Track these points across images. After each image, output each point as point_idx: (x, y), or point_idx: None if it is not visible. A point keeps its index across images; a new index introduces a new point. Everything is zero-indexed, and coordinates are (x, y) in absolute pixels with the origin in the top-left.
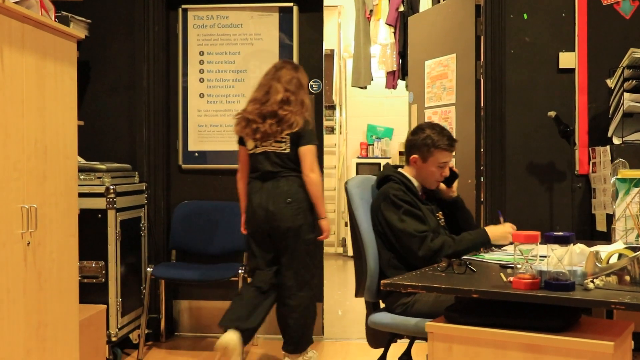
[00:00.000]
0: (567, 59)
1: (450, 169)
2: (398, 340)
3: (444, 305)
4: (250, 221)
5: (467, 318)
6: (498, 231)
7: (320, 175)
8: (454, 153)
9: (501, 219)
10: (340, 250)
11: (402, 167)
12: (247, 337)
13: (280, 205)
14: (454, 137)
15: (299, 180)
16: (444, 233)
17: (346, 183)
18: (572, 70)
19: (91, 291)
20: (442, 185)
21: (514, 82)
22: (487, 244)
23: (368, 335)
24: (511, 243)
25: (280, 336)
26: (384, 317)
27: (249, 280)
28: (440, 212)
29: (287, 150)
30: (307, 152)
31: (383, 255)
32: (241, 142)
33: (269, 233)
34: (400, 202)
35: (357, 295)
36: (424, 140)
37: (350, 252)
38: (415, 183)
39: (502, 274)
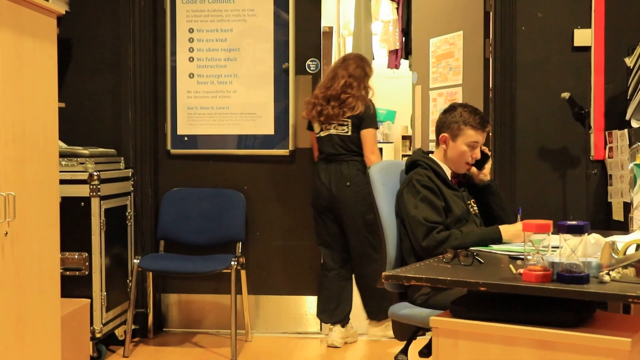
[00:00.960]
0: (582, 36)
1: (482, 152)
2: (426, 333)
3: None
4: (315, 200)
5: (474, 312)
6: (512, 230)
7: (380, 157)
8: (485, 134)
9: (518, 217)
10: None
11: (432, 152)
12: (344, 321)
13: (341, 187)
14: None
15: (358, 164)
16: (475, 221)
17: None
18: (587, 49)
19: (74, 284)
20: (474, 169)
21: (525, 62)
22: (498, 242)
23: (394, 327)
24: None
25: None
26: (402, 308)
27: (322, 259)
28: (473, 200)
29: (349, 133)
30: (367, 135)
31: (405, 243)
32: (309, 126)
33: (332, 211)
34: (421, 187)
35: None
36: (454, 117)
37: None
38: (445, 168)
39: (511, 266)
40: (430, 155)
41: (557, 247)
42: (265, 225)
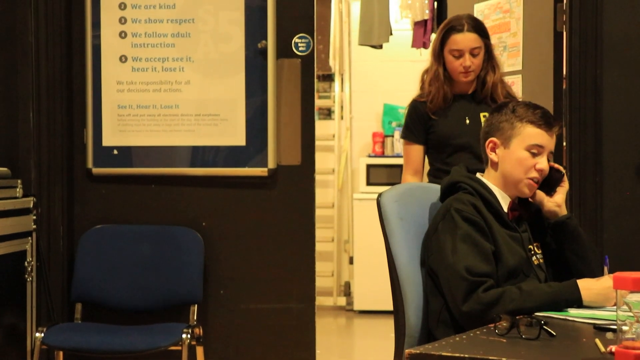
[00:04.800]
0: None
1: (553, 168)
2: None
3: None
4: None
5: None
6: (597, 287)
7: (410, 177)
8: (553, 137)
9: (605, 269)
10: (343, 301)
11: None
12: None
13: None
14: None
15: None
16: (538, 276)
17: (380, 196)
18: None
19: None
20: (540, 194)
21: (615, 36)
22: (576, 305)
23: None
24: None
25: None
26: None
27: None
28: (537, 244)
29: None
30: None
31: (433, 303)
32: None
33: None
34: (462, 221)
35: None
36: (505, 115)
37: (358, 306)
38: (498, 193)
39: (598, 341)
40: (477, 175)
41: None
42: (233, 280)
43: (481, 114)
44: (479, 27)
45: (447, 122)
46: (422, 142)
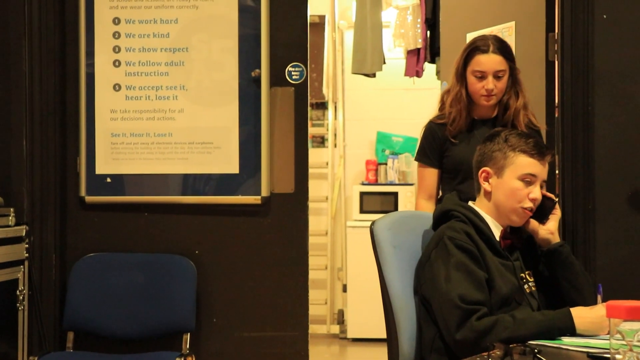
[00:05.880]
0: None
1: (544, 196)
2: None
3: None
4: None
5: None
6: (590, 315)
7: (424, 203)
8: (545, 166)
9: (599, 298)
10: (336, 329)
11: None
12: None
13: None
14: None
15: None
16: (530, 304)
17: (373, 224)
18: None
19: None
20: (533, 223)
21: (607, 65)
22: (569, 334)
23: None
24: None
25: None
26: None
27: None
28: (529, 272)
29: None
30: None
31: (426, 331)
32: None
33: None
34: (455, 249)
35: None
36: (497, 145)
37: (351, 334)
38: (491, 221)
39: None
40: (470, 203)
41: None
42: (226, 308)
43: None
44: (504, 50)
45: (464, 147)
46: (437, 165)
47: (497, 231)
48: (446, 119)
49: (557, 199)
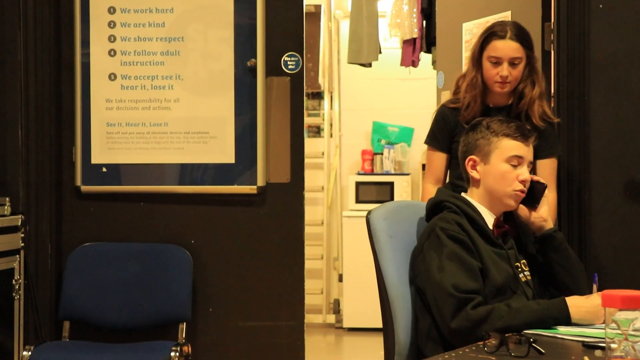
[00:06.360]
0: None
1: (534, 182)
2: None
3: None
4: None
5: None
6: (585, 304)
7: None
8: (530, 148)
9: (594, 287)
10: (332, 319)
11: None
12: None
13: None
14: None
15: None
16: (525, 292)
17: (369, 213)
18: None
19: None
20: (524, 210)
21: (603, 56)
22: (564, 323)
23: None
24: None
25: None
26: None
27: None
28: (524, 261)
29: None
30: None
31: (422, 320)
32: None
33: None
34: (447, 239)
35: None
36: (481, 132)
37: (347, 323)
38: (483, 210)
39: (587, 358)
40: (462, 194)
41: None
42: (222, 298)
43: None
44: (522, 37)
45: None
46: (446, 150)
47: (490, 220)
48: (460, 103)
49: (544, 182)
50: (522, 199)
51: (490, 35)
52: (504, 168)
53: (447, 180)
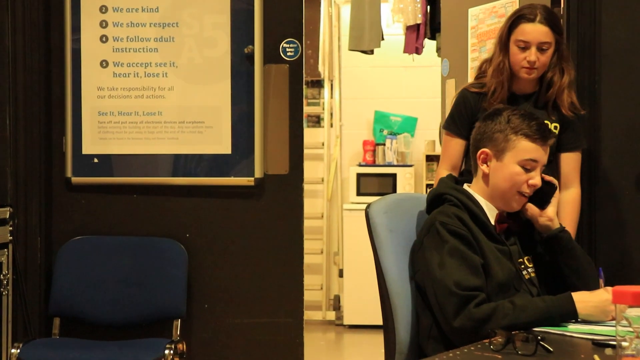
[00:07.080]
0: None
1: (545, 181)
2: None
3: None
4: None
5: None
6: (594, 300)
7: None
8: (547, 150)
9: (601, 282)
10: (332, 315)
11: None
12: None
13: None
14: None
15: None
16: (529, 290)
17: (368, 207)
18: None
19: None
20: (532, 208)
21: (614, 41)
22: (570, 319)
23: None
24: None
25: None
26: None
27: None
28: (528, 257)
29: None
30: None
31: (423, 318)
32: None
33: None
34: (448, 234)
35: None
36: (499, 125)
37: (347, 320)
38: (486, 205)
39: (597, 357)
40: (465, 186)
41: None
42: (218, 294)
43: None
44: (553, 21)
45: None
46: (465, 136)
47: (491, 215)
48: (486, 88)
49: (555, 183)
50: (531, 198)
51: (518, 17)
52: (516, 170)
53: (463, 167)
